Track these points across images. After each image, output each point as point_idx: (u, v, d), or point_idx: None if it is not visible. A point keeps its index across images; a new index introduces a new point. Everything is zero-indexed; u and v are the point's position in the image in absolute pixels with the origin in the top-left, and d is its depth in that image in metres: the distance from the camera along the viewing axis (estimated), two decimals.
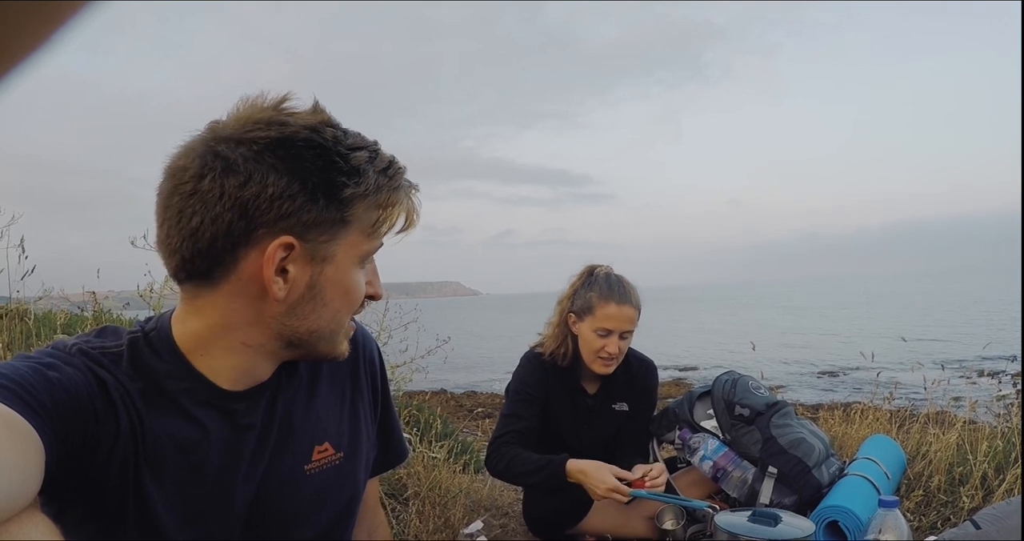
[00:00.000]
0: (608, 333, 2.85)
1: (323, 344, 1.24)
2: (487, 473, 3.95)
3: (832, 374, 14.22)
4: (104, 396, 1.13)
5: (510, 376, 3.07)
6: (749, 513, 2.02)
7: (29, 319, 4.85)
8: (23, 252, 4.05)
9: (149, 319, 1.30)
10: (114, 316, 5.35)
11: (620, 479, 2.53)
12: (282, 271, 1.14)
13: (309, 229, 1.13)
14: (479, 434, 5.97)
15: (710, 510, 2.44)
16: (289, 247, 1.12)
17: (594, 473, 2.57)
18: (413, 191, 1.24)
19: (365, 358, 1.49)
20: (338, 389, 1.43)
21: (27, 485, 0.95)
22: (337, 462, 1.38)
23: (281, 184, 1.09)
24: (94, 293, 4.63)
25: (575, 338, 2.96)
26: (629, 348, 3.07)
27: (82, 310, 5.45)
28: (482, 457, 4.25)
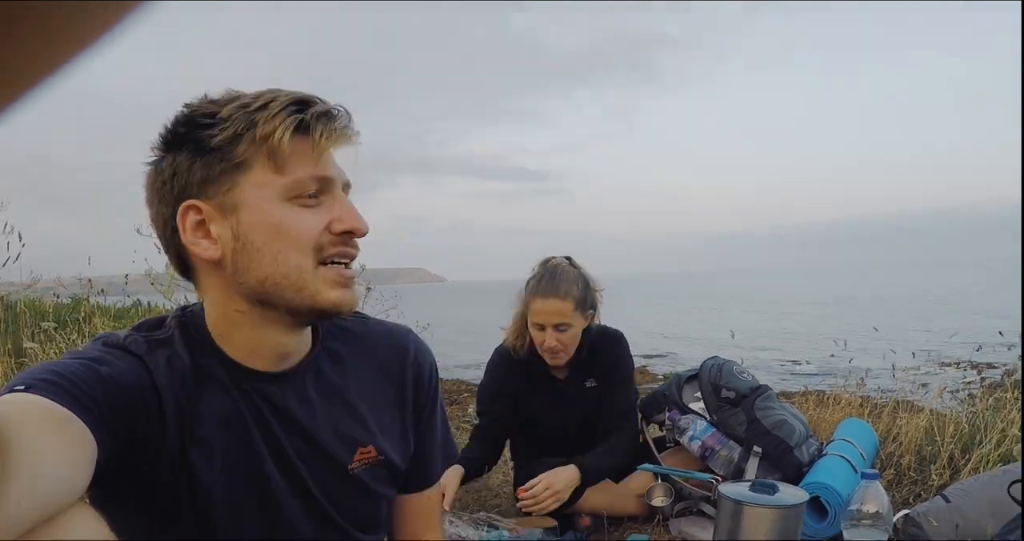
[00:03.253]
0: (542, 327, 2.90)
1: (293, 293, 1.21)
2: None
3: (796, 362, 14.43)
4: (154, 387, 1.17)
5: (474, 363, 3.15)
6: (749, 483, 2.19)
7: (16, 307, 4.90)
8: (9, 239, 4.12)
9: (186, 306, 1.37)
10: (91, 302, 5.39)
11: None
12: (210, 235, 1.20)
13: (204, 187, 1.18)
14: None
15: (713, 481, 2.60)
16: (196, 210, 1.19)
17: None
18: (320, 111, 1.19)
19: (412, 367, 1.49)
20: (384, 394, 1.45)
21: (76, 482, 0.96)
22: (376, 464, 1.40)
23: (169, 162, 1.19)
24: (90, 280, 4.71)
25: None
26: (598, 324, 3.11)
27: (57, 296, 5.49)
28: (458, 440, 4.35)
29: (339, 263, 1.23)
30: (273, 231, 1.19)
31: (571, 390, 3.10)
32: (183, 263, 1.27)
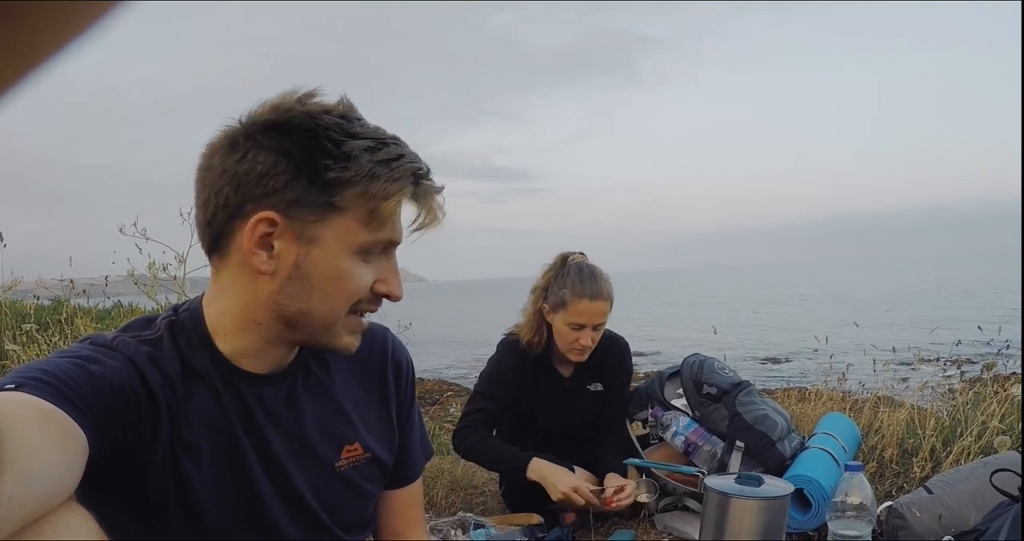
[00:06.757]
0: (581, 327, 2.92)
1: (320, 332, 1.25)
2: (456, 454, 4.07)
3: (776, 360, 14.51)
4: (145, 386, 1.16)
5: (456, 362, 3.15)
6: (735, 476, 2.21)
7: None
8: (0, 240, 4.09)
9: (184, 303, 1.35)
10: (73, 304, 5.36)
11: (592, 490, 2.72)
12: (270, 247, 1.18)
13: (294, 207, 1.16)
14: (426, 419, 6.08)
15: (699, 475, 2.62)
16: (272, 222, 1.16)
17: (552, 477, 2.73)
18: (429, 189, 1.23)
19: (392, 364, 1.53)
20: (367, 390, 1.48)
21: (66, 480, 0.96)
22: (363, 461, 1.43)
23: (269, 161, 1.15)
24: (72, 281, 4.69)
25: (549, 326, 3.03)
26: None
27: (37, 298, 5.46)
28: (441, 440, 4.34)
29: (362, 314, 1.29)
30: (334, 277, 1.21)
31: (575, 390, 3.15)
32: (216, 244, 1.24)
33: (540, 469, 2.78)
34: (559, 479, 2.73)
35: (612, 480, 2.79)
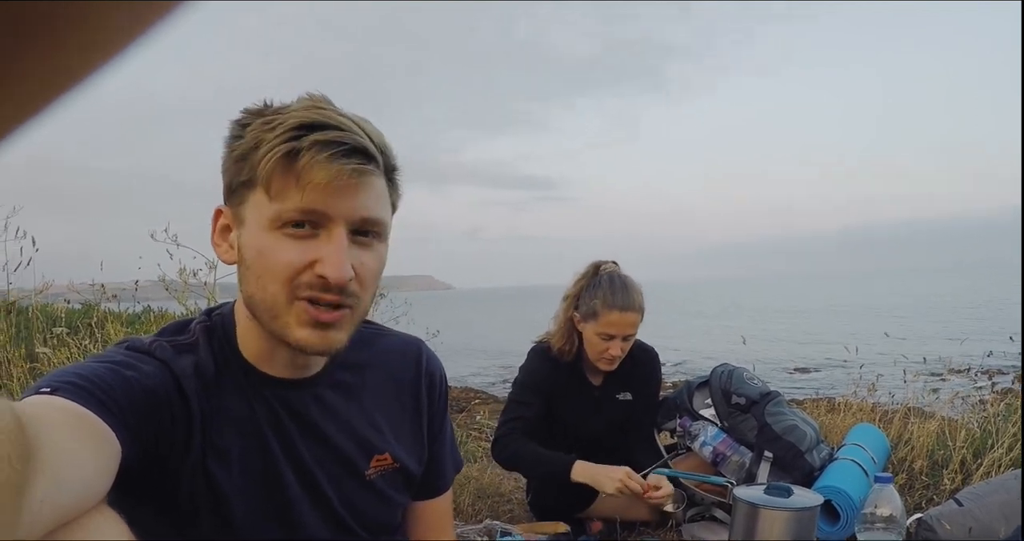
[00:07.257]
0: (611, 337, 2.91)
1: (269, 320, 1.19)
2: (484, 461, 4.08)
3: (805, 370, 14.42)
4: (180, 393, 1.18)
5: (482, 370, 3.15)
6: (764, 486, 2.20)
7: (29, 311, 4.94)
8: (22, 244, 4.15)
9: (217, 306, 1.37)
10: (103, 308, 5.42)
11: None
12: (228, 240, 1.24)
13: (230, 195, 1.21)
14: (454, 426, 6.04)
15: (729, 485, 2.61)
16: (222, 214, 1.24)
17: (600, 474, 2.72)
18: (315, 143, 1.11)
19: (425, 376, 1.52)
20: (401, 402, 1.48)
21: (98, 484, 0.96)
22: (392, 471, 1.43)
23: (223, 157, 1.21)
24: (103, 285, 4.74)
25: (580, 334, 3.03)
26: None
27: (68, 302, 5.52)
28: (468, 448, 4.36)
29: (315, 303, 1.17)
30: (258, 254, 1.17)
31: (604, 398, 3.14)
32: None
33: (586, 470, 2.77)
34: (609, 474, 2.72)
35: (655, 479, 2.76)
